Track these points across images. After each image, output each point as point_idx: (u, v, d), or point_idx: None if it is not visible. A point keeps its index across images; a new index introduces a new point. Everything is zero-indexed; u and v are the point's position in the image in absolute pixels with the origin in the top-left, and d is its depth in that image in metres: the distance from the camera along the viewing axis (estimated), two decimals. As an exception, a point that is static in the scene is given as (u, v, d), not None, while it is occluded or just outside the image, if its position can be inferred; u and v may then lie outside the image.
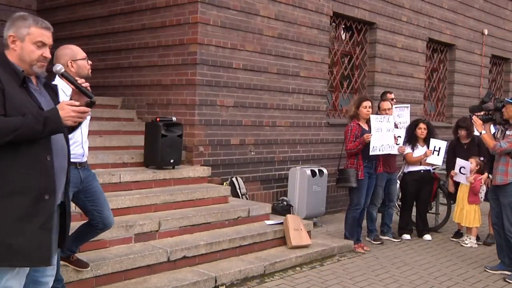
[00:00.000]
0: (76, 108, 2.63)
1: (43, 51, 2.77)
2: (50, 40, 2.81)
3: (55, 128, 2.62)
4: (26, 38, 2.73)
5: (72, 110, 2.61)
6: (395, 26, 9.49)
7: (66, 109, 2.60)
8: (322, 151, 8.30)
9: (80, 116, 2.66)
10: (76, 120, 2.66)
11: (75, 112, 2.62)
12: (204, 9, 6.51)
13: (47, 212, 2.65)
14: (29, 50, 2.73)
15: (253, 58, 7.12)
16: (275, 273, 5.31)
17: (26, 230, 2.56)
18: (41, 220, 2.62)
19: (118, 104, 7.37)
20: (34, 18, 2.80)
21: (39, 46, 2.75)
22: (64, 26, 8.21)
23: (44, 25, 2.79)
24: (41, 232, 2.61)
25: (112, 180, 5.45)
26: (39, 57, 2.75)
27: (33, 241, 2.58)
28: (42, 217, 2.62)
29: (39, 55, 2.75)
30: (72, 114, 2.61)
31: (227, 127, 6.91)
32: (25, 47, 2.73)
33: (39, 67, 2.77)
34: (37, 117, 2.57)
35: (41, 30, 2.76)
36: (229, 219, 5.82)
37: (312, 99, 8.09)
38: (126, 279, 4.53)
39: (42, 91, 2.84)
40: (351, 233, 6.32)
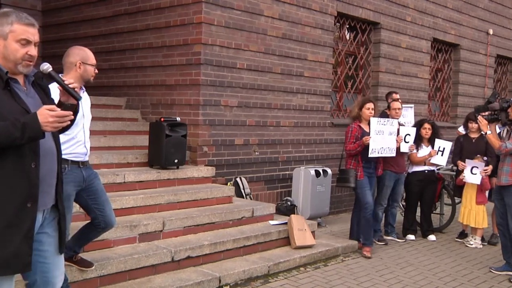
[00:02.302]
0: (55, 113, 2.47)
1: (28, 49, 2.60)
2: (36, 37, 2.64)
3: (33, 135, 2.48)
4: (9, 36, 2.57)
5: (50, 116, 2.46)
6: (399, 26, 9.47)
7: (44, 114, 2.46)
8: (326, 151, 8.29)
9: (60, 121, 2.51)
10: (56, 126, 2.51)
11: (54, 117, 2.47)
12: (208, 9, 6.52)
13: (30, 220, 2.59)
14: (13, 49, 2.57)
15: (257, 58, 7.12)
16: (279, 273, 5.31)
17: (10, 238, 2.53)
18: (24, 228, 2.56)
19: (122, 104, 7.39)
20: (17, 14, 2.62)
21: (23, 44, 2.59)
22: (69, 26, 8.25)
23: (28, 21, 2.61)
24: (23, 239, 2.56)
25: (116, 180, 5.46)
26: (23, 55, 2.59)
27: (15, 249, 2.54)
28: (25, 225, 2.57)
29: (23, 54, 2.59)
30: (50, 119, 2.46)
31: (231, 127, 6.92)
32: (9, 45, 2.57)
33: (24, 66, 2.62)
34: (15, 124, 2.44)
35: (24, 26, 2.59)
36: (233, 219, 5.82)
37: (316, 99, 8.08)
38: (130, 279, 4.54)
39: (30, 91, 2.70)
40: (367, 236, 6.19)
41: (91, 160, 4.31)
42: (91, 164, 4.12)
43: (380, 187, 6.63)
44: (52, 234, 2.84)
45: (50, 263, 2.85)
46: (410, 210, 7.19)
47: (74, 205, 4.04)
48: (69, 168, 3.74)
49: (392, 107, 6.78)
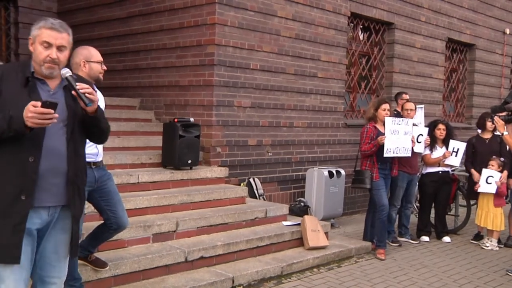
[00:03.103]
0: (33, 109, 2.53)
1: (50, 52, 2.72)
2: (58, 41, 2.74)
3: (18, 128, 2.57)
4: (36, 39, 2.75)
5: (29, 111, 2.54)
6: (413, 26, 9.41)
7: (27, 109, 2.55)
8: (339, 152, 8.26)
9: (39, 117, 2.54)
10: (36, 122, 2.55)
11: (32, 113, 2.53)
12: (221, 10, 6.53)
13: (22, 213, 2.66)
14: (38, 51, 2.74)
15: (270, 59, 7.12)
16: (292, 274, 5.30)
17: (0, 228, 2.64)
18: (16, 220, 2.65)
19: (136, 105, 7.43)
20: (46, 20, 2.78)
21: (45, 47, 2.73)
22: (83, 27, 8.31)
23: (51, 25, 2.74)
24: (13, 231, 2.64)
25: (130, 181, 5.50)
26: (45, 58, 2.72)
27: (5, 240, 2.63)
28: (16, 217, 2.65)
29: (45, 56, 2.72)
30: (29, 115, 2.53)
31: (245, 127, 6.92)
32: (35, 48, 2.75)
33: (46, 68, 2.74)
34: (4, 116, 2.58)
35: (48, 30, 2.73)
36: (246, 219, 5.82)
37: (330, 100, 8.06)
38: (144, 279, 4.57)
39: (57, 93, 2.79)
40: (382, 239, 6.16)
41: (105, 161, 4.33)
42: (105, 164, 4.14)
43: (393, 188, 6.59)
44: (58, 236, 2.87)
45: (48, 263, 2.89)
46: (424, 211, 7.14)
47: (88, 206, 4.07)
48: None
49: (405, 108, 6.74)
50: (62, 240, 2.87)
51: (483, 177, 6.60)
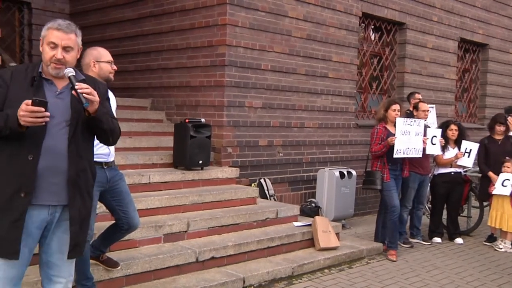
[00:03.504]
0: (24, 107, 2.56)
1: (55, 53, 2.75)
2: (64, 41, 2.76)
3: (13, 126, 2.61)
4: (44, 39, 2.79)
5: (21, 110, 2.56)
6: (425, 26, 9.35)
7: (20, 108, 2.58)
8: (350, 153, 8.23)
9: (30, 115, 2.56)
10: (28, 120, 2.57)
11: (23, 111, 2.55)
12: (232, 10, 6.54)
13: (20, 210, 2.69)
14: (45, 51, 2.78)
15: (281, 60, 7.11)
16: (303, 275, 5.29)
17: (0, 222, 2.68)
18: (15, 216, 2.68)
19: (147, 106, 7.46)
20: (56, 21, 2.81)
21: (52, 47, 2.76)
22: (95, 29, 8.37)
23: (58, 26, 2.77)
24: (11, 227, 2.68)
25: (141, 181, 5.52)
26: (51, 58, 2.75)
27: (4, 233, 2.68)
28: (14, 214, 2.68)
29: (51, 56, 2.75)
30: (21, 113, 2.56)
31: (255, 128, 6.92)
32: (43, 48, 2.79)
33: (52, 69, 2.77)
34: (2, 114, 2.64)
35: (53, 31, 2.76)
36: (257, 220, 5.82)
37: (341, 100, 8.03)
38: (155, 279, 4.58)
39: (63, 93, 2.81)
40: (393, 240, 6.13)
41: (117, 161, 4.36)
42: (117, 164, 4.16)
43: (404, 189, 6.55)
44: (60, 235, 2.88)
45: (54, 262, 2.92)
46: (436, 212, 7.09)
47: (100, 206, 4.09)
48: None
49: (421, 109, 6.69)
50: (65, 241, 2.87)
51: (499, 180, 6.59)
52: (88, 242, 3.87)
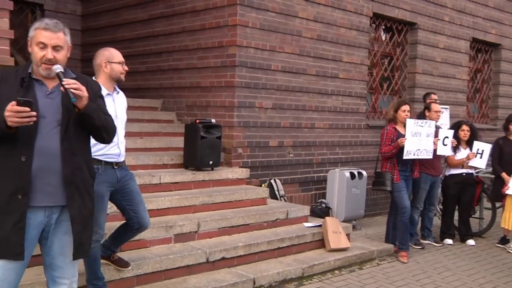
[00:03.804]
0: (9, 108, 2.54)
1: (45, 53, 2.72)
2: (53, 41, 2.73)
3: (1, 127, 2.58)
4: (33, 40, 2.76)
5: (7, 110, 2.54)
6: (437, 26, 9.29)
7: (6, 109, 2.55)
8: (361, 153, 8.20)
9: (16, 115, 2.53)
10: (14, 120, 2.54)
11: (8, 111, 2.53)
12: (243, 11, 6.55)
13: (20, 211, 2.68)
14: (34, 52, 2.75)
15: (291, 60, 7.11)
16: (313, 275, 5.28)
17: (1, 224, 2.68)
18: (14, 219, 2.67)
19: (158, 106, 7.49)
20: (42, 21, 2.78)
21: (41, 48, 2.72)
22: (107, 30, 8.43)
23: (45, 26, 2.73)
24: (13, 229, 2.67)
25: (152, 181, 5.54)
26: (41, 58, 2.72)
27: (6, 235, 2.67)
28: (15, 215, 2.67)
29: (41, 57, 2.72)
30: (6, 114, 2.54)
31: (266, 129, 6.92)
32: (32, 49, 2.76)
33: (43, 69, 2.74)
34: None
35: (41, 31, 2.73)
36: (268, 221, 5.82)
37: (352, 101, 8.01)
38: (166, 279, 4.60)
39: (54, 93, 2.78)
40: (404, 241, 6.09)
41: (127, 161, 4.38)
42: (127, 165, 4.18)
43: (416, 190, 6.51)
44: (61, 236, 2.85)
45: (56, 264, 2.89)
46: (447, 213, 7.04)
47: (111, 206, 4.11)
48: (103, 168, 3.79)
49: (433, 109, 6.65)
50: (67, 242, 2.85)
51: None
52: (98, 242, 3.90)
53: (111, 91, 3.91)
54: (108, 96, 3.87)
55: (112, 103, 3.89)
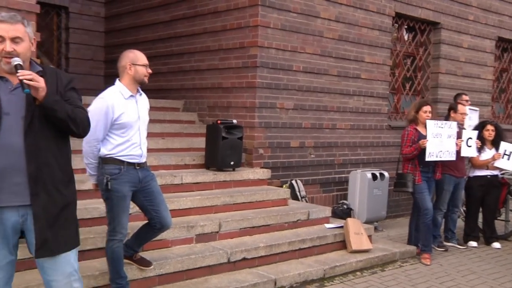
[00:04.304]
0: None
1: (4, 46, 2.60)
2: (11, 33, 2.60)
3: None
4: None
5: None
6: (461, 26, 9.16)
7: None
8: (383, 154, 8.13)
9: None
10: None
11: None
12: (264, 12, 6.55)
13: None
14: None
15: (313, 61, 7.09)
16: (335, 277, 5.26)
17: None
18: None
19: (180, 107, 7.55)
20: None
21: (0, 42, 2.61)
22: (129, 31, 8.52)
23: (0, 18, 2.61)
24: None
25: (174, 182, 5.58)
26: (0, 52, 2.60)
27: None
28: None
29: (0, 51, 2.60)
30: None
31: (287, 129, 6.91)
32: None
33: (4, 64, 2.63)
34: None
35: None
36: (289, 221, 5.81)
37: (373, 101, 7.95)
38: (187, 279, 4.62)
39: (19, 90, 2.60)
40: (427, 243, 6.03)
41: (149, 162, 4.43)
42: (149, 165, 4.22)
43: (439, 192, 6.43)
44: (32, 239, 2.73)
45: (40, 264, 2.78)
46: (471, 215, 6.93)
47: (133, 206, 4.15)
48: (125, 169, 3.85)
49: (460, 111, 6.55)
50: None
51: None
52: (121, 242, 3.94)
53: (134, 93, 3.95)
54: (131, 98, 3.92)
55: (135, 104, 3.94)
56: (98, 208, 4.63)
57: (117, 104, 3.81)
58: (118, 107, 3.81)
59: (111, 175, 3.81)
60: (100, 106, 3.78)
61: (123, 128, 3.84)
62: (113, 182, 3.80)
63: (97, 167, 3.88)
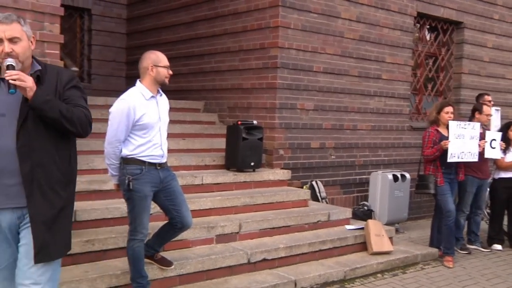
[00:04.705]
0: None
1: (3, 47, 2.56)
2: (7, 33, 2.56)
3: None
4: None
5: None
6: (485, 25, 9.02)
7: None
8: (404, 156, 8.05)
9: None
10: None
11: None
12: (285, 13, 6.54)
13: None
14: None
15: (333, 61, 7.05)
16: (355, 279, 5.22)
17: None
18: None
19: (200, 108, 7.58)
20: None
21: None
22: (151, 33, 8.60)
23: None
24: None
25: (194, 182, 5.61)
26: (4, 52, 2.56)
27: None
28: None
29: (5, 51, 2.56)
30: None
31: (307, 130, 6.89)
32: None
33: None
34: None
35: None
36: (309, 222, 5.79)
37: (395, 102, 7.88)
38: (207, 279, 4.64)
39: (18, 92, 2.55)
40: (449, 246, 5.95)
41: (170, 162, 4.46)
42: (170, 166, 4.25)
43: (462, 193, 6.34)
44: (23, 241, 2.65)
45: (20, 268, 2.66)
46: (496, 218, 6.81)
47: (154, 206, 4.19)
48: (147, 169, 3.88)
49: (485, 112, 6.45)
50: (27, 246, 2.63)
51: None
52: (142, 241, 3.98)
53: (155, 94, 3.99)
54: (151, 99, 3.96)
55: (156, 105, 3.98)
56: (119, 208, 4.68)
57: (138, 105, 3.85)
58: (139, 108, 3.84)
59: (133, 175, 3.85)
60: (122, 108, 3.82)
61: (144, 129, 3.88)
62: (134, 182, 3.84)
63: (118, 167, 3.92)
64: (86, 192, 4.86)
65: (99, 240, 4.36)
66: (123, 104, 3.84)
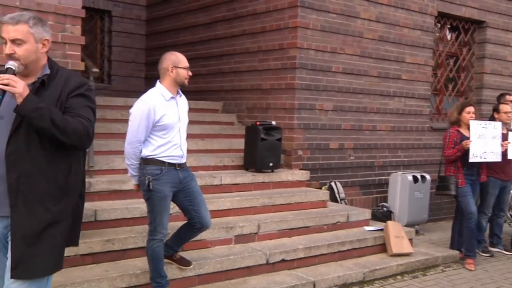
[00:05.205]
0: None
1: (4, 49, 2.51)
2: (11, 34, 2.47)
3: None
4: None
5: None
6: (508, 24, 8.87)
7: None
8: (424, 156, 7.97)
9: None
10: None
11: None
12: (303, 13, 6.53)
13: None
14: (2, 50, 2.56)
15: (352, 62, 7.01)
16: (374, 280, 5.18)
17: None
18: None
19: (219, 108, 7.60)
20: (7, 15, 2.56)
21: (4, 43, 2.51)
22: (169, 34, 8.65)
23: (3, 19, 2.51)
24: None
25: (213, 182, 5.63)
26: (6, 54, 2.50)
27: None
28: None
29: (5, 53, 2.51)
30: None
31: (326, 131, 6.86)
32: None
33: None
34: None
35: (2, 25, 2.51)
36: (328, 223, 5.77)
37: (415, 103, 7.80)
38: (226, 279, 4.65)
39: None
40: (471, 248, 5.86)
41: (189, 163, 4.48)
42: (189, 166, 4.27)
43: (484, 195, 6.25)
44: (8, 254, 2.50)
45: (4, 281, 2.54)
46: (518, 220, 6.70)
47: (174, 206, 4.21)
48: (166, 169, 3.90)
49: (502, 111, 6.35)
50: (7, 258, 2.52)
51: None
52: (162, 241, 4.00)
53: (174, 94, 4.01)
54: (171, 100, 3.98)
55: (175, 106, 4.00)
56: (139, 208, 4.71)
57: (158, 106, 3.87)
58: (159, 109, 3.87)
59: (153, 175, 3.88)
60: (142, 108, 3.85)
61: (164, 129, 3.90)
62: (154, 183, 3.86)
63: (138, 168, 3.95)
64: (106, 192, 4.91)
65: (119, 239, 4.40)
66: (143, 105, 3.86)
